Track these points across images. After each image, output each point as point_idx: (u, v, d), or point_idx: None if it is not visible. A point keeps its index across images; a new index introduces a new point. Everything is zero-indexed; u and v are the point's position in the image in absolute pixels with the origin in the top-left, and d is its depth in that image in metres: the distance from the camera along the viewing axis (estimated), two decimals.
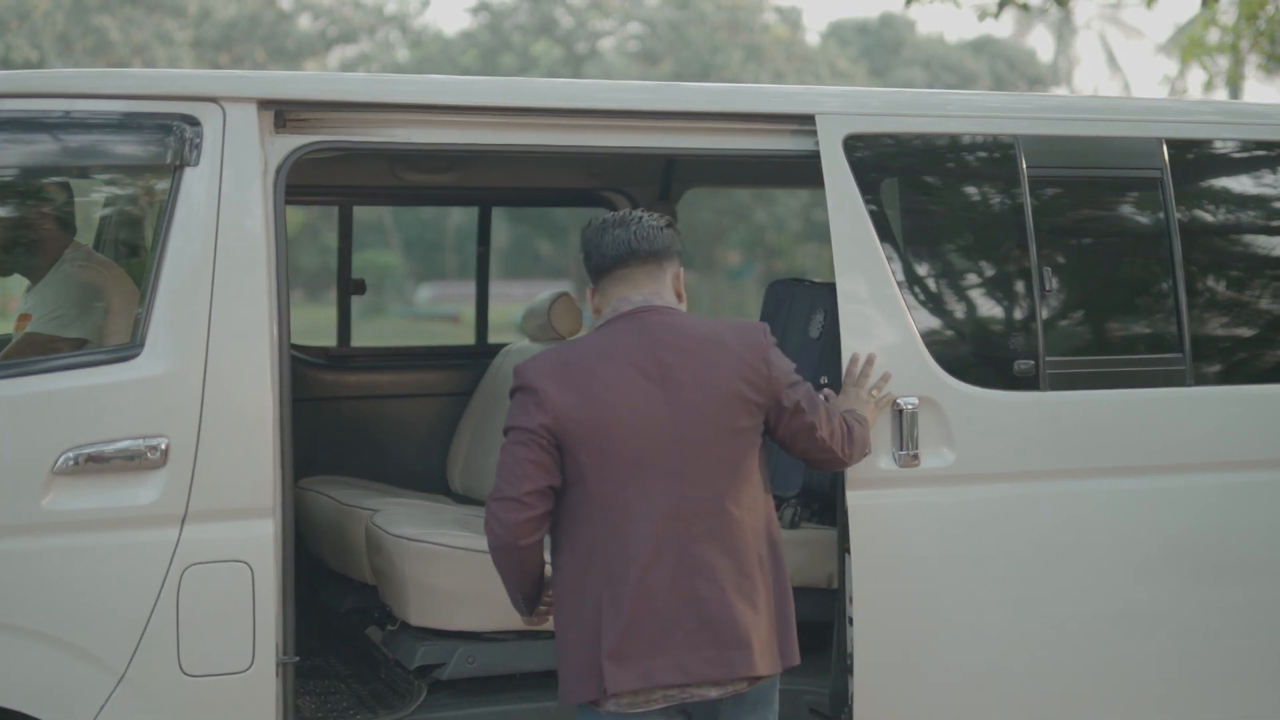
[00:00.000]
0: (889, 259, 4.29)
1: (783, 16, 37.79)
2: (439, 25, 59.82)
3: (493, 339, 6.49)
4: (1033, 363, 4.40)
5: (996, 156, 4.51)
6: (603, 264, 3.50)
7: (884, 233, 4.31)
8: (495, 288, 5.62)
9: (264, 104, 3.89)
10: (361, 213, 33.57)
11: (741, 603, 3.35)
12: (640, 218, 3.52)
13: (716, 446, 3.38)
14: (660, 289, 3.49)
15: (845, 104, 4.37)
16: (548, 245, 36.88)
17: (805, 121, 4.30)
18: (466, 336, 6.56)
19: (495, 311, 6.67)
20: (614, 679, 3.26)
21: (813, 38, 39.51)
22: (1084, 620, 4.41)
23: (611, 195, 6.40)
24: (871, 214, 4.28)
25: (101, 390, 3.70)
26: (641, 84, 4.44)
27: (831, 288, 5.13)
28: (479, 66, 33.96)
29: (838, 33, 39.52)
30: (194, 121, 3.82)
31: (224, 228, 3.80)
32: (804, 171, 4.42)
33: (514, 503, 3.28)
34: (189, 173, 3.80)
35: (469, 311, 7.28)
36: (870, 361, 4.15)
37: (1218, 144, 4.83)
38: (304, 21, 36.63)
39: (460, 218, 35.78)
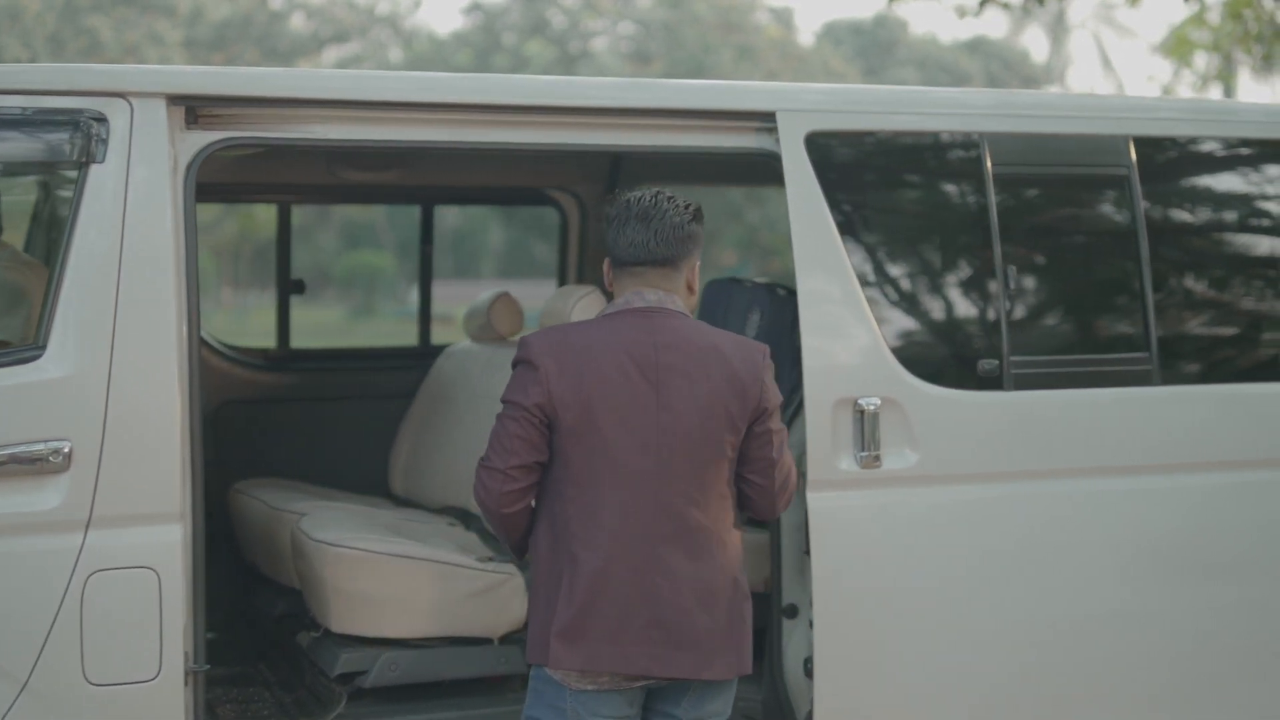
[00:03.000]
0: (851, 258, 4.23)
1: (776, 17, 37.75)
2: (431, 26, 59.72)
3: None
4: (997, 362, 4.35)
5: (961, 154, 4.45)
6: (619, 256, 3.49)
7: (846, 231, 4.25)
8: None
9: (174, 99, 3.81)
10: (353, 214, 33.38)
11: (698, 607, 3.39)
12: (665, 213, 3.46)
13: (695, 455, 3.41)
14: (673, 289, 3.50)
15: (807, 101, 4.30)
16: (544, 246, 36.84)
17: (766, 119, 4.22)
18: (459, 336, 6.45)
19: None
20: (557, 657, 3.33)
21: (807, 38, 39.50)
22: (1050, 623, 4.36)
23: (558, 194, 6.32)
24: (833, 212, 4.23)
25: (1, 392, 3.61)
26: (594, 80, 4.34)
27: (769, 288, 5.07)
28: (472, 67, 33.85)
29: (832, 33, 39.48)
30: (101, 117, 3.74)
31: (131, 226, 3.72)
32: (761, 170, 4.33)
33: (500, 474, 3.35)
34: (95, 170, 3.73)
35: (463, 313, 7.17)
36: None
37: (1186, 142, 4.76)
38: (296, 21, 36.53)
39: (455, 219, 35.68)
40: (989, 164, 4.40)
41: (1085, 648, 4.40)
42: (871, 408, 4.18)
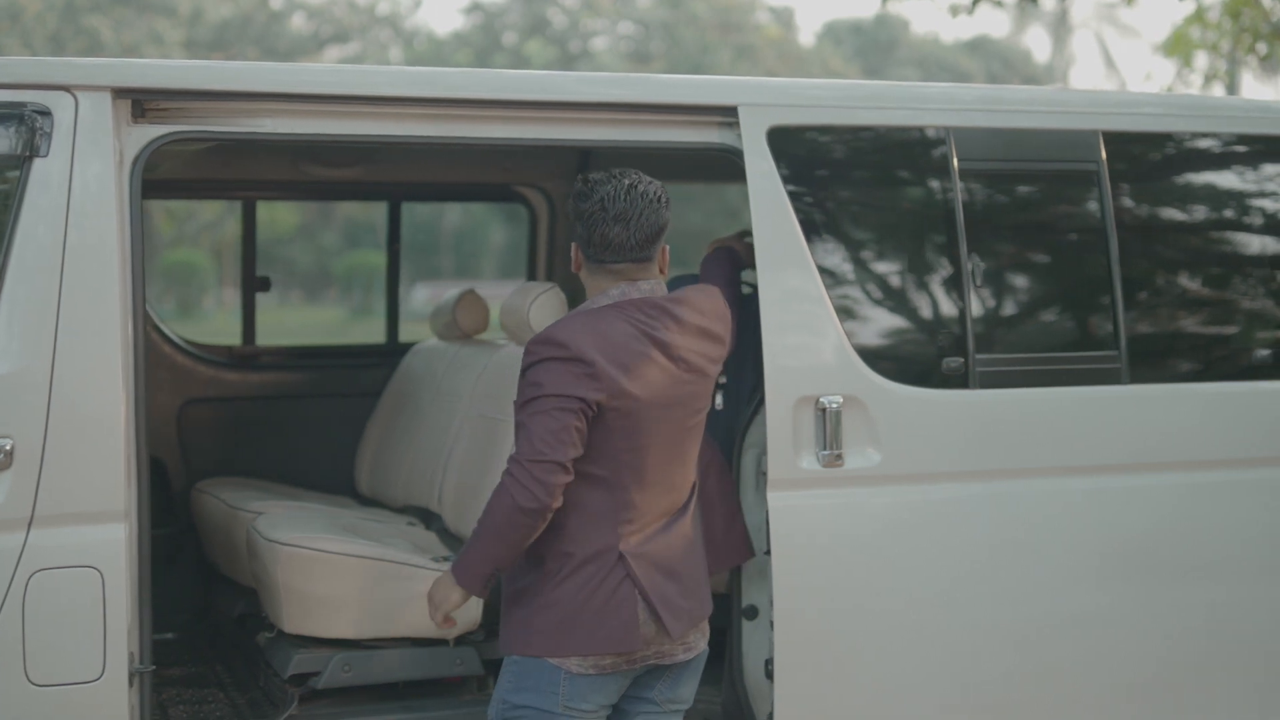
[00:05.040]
0: (814, 254, 4.18)
1: (776, 16, 37.74)
2: (431, 26, 59.71)
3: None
4: (962, 360, 4.29)
5: (926, 149, 4.39)
6: (597, 256, 3.47)
7: (809, 228, 4.20)
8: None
9: (119, 92, 3.76)
10: (354, 213, 33.36)
11: (701, 558, 3.59)
12: (641, 211, 3.44)
13: (695, 424, 3.53)
14: (658, 276, 3.54)
15: (769, 95, 4.24)
16: None
17: (728, 113, 4.16)
18: None
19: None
20: (674, 627, 3.42)
21: (807, 38, 39.48)
22: (1015, 624, 4.30)
23: (526, 190, 6.27)
24: (796, 208, 4.17)
25: None
26: (554, 74, 4.27)
27: None
28: (472, 66, 33.87)
29: (832, 32, 39.46)
30: (44, 111, 3.70)
31: (74, 221, 3.67)
32: (733, 166, 4.26)
33: (559, 468, 3.30)
34: (38, 164, 3.68)
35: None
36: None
37: (1157, 137, 4.69)
38: (297, 21, 36.58)
39: (457, 219, 35.68)
40: (955, 159, 4.35)
41: (1051, 649, 4.34)
42: (834, 406, 4.13)
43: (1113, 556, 4.40)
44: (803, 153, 4.25)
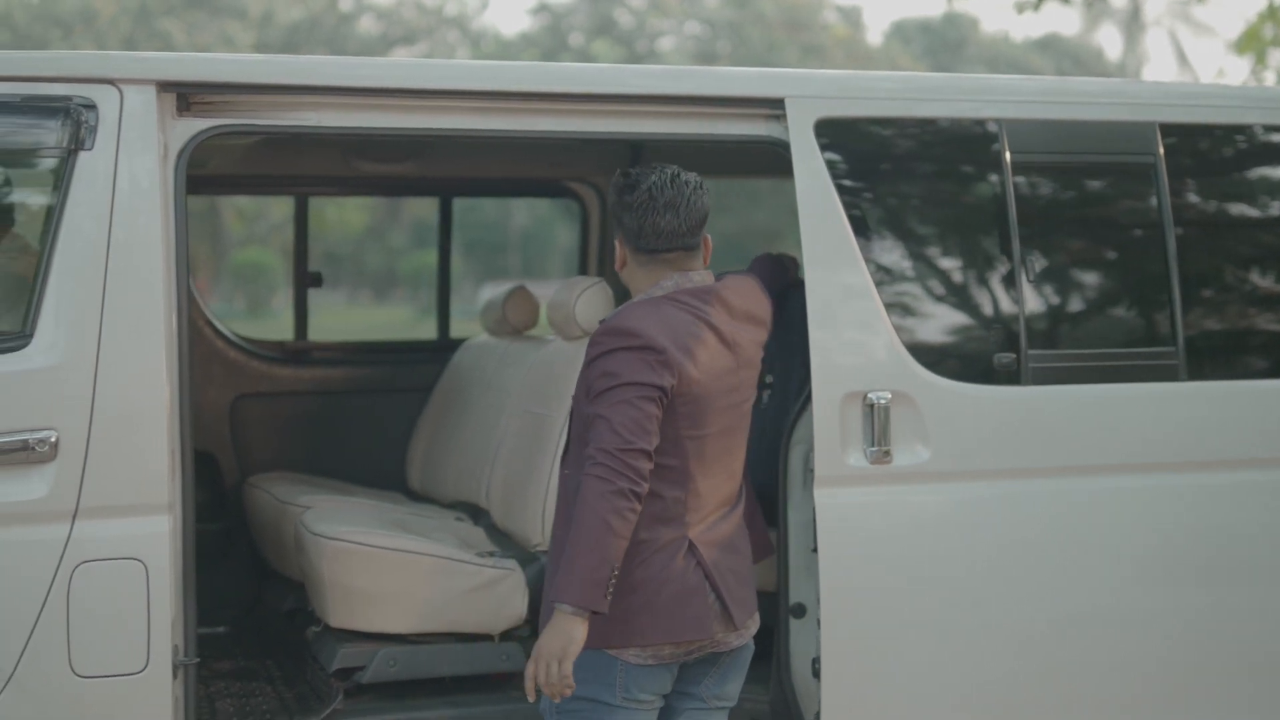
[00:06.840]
0: (862, 249, 4.13)
1: (844, 16, 37.57)
2: (498, 27, 59.97)
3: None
4: (1014, 356, 4.22)
5: (978, 142, 4.33)
6: (649, 246, 3.49)
7: (857, 221, 4.16)
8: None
9: (164, 86, 3.78)
10: (422, 213, 33.57)
11: (749, 550, 3.63)
12: (689, 200, 3.48)
13: (747, 410, 3.56)
14: (701, 265, 3.56)
15: (816, 87, 4.20)
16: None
17: (775, 106, 4.13)
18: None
19: None
20: (738, 615, 3.48)
21: (875, 37, 39.28)
22: (1066, 624, 4.23)
23: (576, 185, 6.25)
24: (844, 202, 4.13)
25: None
26: (599, 66, 4.26)
27: None
28: None
29: (901, 31, 39.21)
30: (90, 104, 3.72)
31: (119, 214, 3.69)
32: (781, 160, 4.21)
33: (645, 455, 3.30)
34: (83, 157, 3.70)
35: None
36: None
37: (1216, 129, 4.60)
38: (365, 23, 36.84)
39: (524, 219, 35.78)
40: (1008, 152, 4.28)
41: (1101, 649, 4.27)
42: (882, 402, 4.08)
43: (1168, 557, 4.32)
44: (850, 145, 4.20)
